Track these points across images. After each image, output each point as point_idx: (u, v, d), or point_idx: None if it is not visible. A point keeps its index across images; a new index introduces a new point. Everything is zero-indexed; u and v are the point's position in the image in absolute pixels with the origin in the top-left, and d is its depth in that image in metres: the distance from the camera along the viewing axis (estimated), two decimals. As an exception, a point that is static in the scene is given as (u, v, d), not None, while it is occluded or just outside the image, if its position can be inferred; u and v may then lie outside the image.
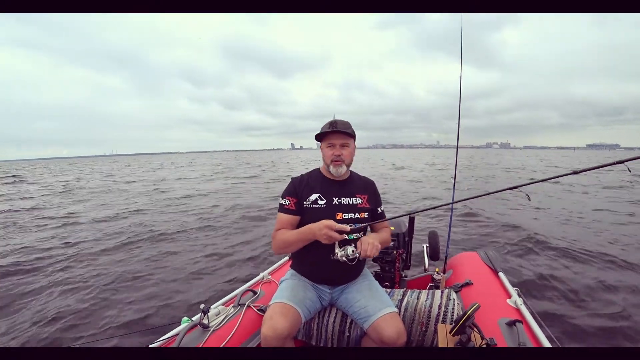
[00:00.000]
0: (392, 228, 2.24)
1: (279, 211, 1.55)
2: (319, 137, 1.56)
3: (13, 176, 23.61)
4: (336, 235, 1.32)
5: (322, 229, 1.33)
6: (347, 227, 1.34)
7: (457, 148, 2.83)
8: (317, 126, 1.59)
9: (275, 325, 1.32)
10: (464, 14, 2.41)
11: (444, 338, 1.28)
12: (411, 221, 2.35)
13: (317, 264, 1.54)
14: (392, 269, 2.20)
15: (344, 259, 1.34)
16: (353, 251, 1.35)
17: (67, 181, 18.33)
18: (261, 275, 1.98)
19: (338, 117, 1.55)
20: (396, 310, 1.48)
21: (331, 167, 1.53)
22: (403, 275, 2.30)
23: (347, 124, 1.53)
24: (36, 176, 24.16)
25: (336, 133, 1.50)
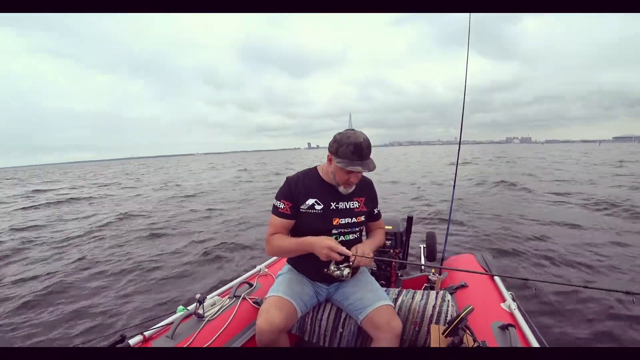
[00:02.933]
0: (390, 227, 2.25)
1: (272, 213, 1.49)
2: (334, 154, 1.39)
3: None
4: (337, 256, 1.31)
5: (323, 248, 1.31)
6: (350, 253, 1.33)
7: (459, 144, 2.78)
8: (334, 125, 1.51)
9: (271, 318, 1.32)
10: (473, 14, 2.36)
11: (437, 339, 1.29)
12: (409, 221, 2.35)
13: (314, 263, 1.51)
14: (388, 267, 2.21)
15: (337, 277, 1.36)
16: (348, 273, 1.36)
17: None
18: (257, 267, 1.99)
19: (354, 116, 1.46)
20: (392, 304, 1.49)
21: (342, 188, 1.46)
22: (399, 274, 2.31)
23: (370, 147, 1.38)
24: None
25: (359, 165, 1.34)
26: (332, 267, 1.35)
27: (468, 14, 2.33)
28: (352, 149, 1.32)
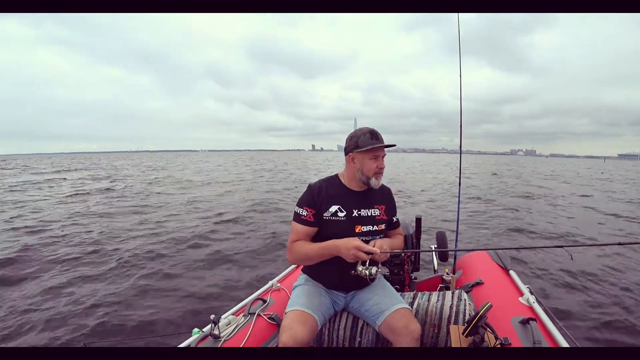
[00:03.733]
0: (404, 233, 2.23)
1: (294, 220, 1.49)
2: (355, 148, 1.45)
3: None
4: (364, 256, 1.30)
5: (350, 249, 1.30)
6: (377, 250, 1.32)
7: (460, 153, 2.76)
8: (340, 128, 1.48)
9: (296, 333, 1.30)
10: (462, 14, 2.38)
11: (457, 339, 1.26)
12: (418, 223, 2.33)
13: (332, 272, 1.52)
14: (401, 271, 2.18)
15: (366, 277, 1.33)
16: (377, 271, 1.34)
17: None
18: (270, 283, 1.98)
19: (360, 121, 1.50)
20: (409, 307, 1.47)
21: (373, 180, 1.47)
22: (412, 277, 2.28)
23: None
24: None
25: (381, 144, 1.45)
26: (359, 268, 1.33)
27: (457, 14, 2.36)
28: (369, 135, 1.44)
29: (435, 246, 2.46)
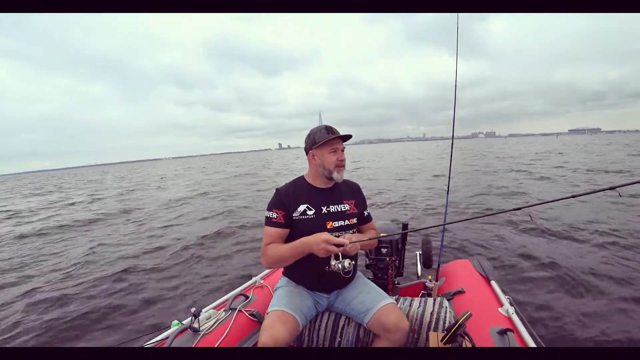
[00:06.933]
0: (385, 234, 2.24)
1: (266, 225, 1.49)
2: (313, 145, 1.51)
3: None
4: (334, 249, 1.30)
5: (319, 243, 1.30)
6: (345, 241, 1.32)
7: (452, 142, 2.64)
8: (306, 125, 1.59)
9: (276, 334, 1.29)
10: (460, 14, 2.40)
11: (436, 346, 1.28)
12: (404, 228, 2.35)
13: (311, 272, 1.52)
14: (384, 275, 2.19)
15: (340, 271, 1.33)
16: (350, 264, 1.34)
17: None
18: (253, 279, 1.97)
19: (325, 114, 1.51)
20: (394, 301, 1.49)
21: (335, 174, 1.50)
22: (395, 282, 2.30)
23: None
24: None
25: (338, 138, 1.49)
26: (332, 262, 1.33)
27: (455, 14, 2.37)
28: (324, 130, 1.50)
29: (420, 252, 2.48)
